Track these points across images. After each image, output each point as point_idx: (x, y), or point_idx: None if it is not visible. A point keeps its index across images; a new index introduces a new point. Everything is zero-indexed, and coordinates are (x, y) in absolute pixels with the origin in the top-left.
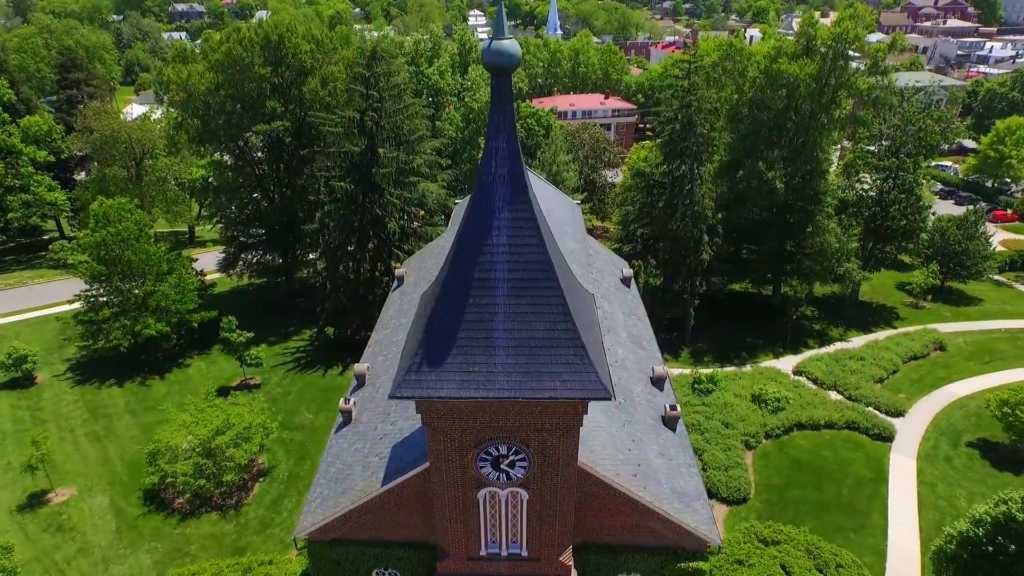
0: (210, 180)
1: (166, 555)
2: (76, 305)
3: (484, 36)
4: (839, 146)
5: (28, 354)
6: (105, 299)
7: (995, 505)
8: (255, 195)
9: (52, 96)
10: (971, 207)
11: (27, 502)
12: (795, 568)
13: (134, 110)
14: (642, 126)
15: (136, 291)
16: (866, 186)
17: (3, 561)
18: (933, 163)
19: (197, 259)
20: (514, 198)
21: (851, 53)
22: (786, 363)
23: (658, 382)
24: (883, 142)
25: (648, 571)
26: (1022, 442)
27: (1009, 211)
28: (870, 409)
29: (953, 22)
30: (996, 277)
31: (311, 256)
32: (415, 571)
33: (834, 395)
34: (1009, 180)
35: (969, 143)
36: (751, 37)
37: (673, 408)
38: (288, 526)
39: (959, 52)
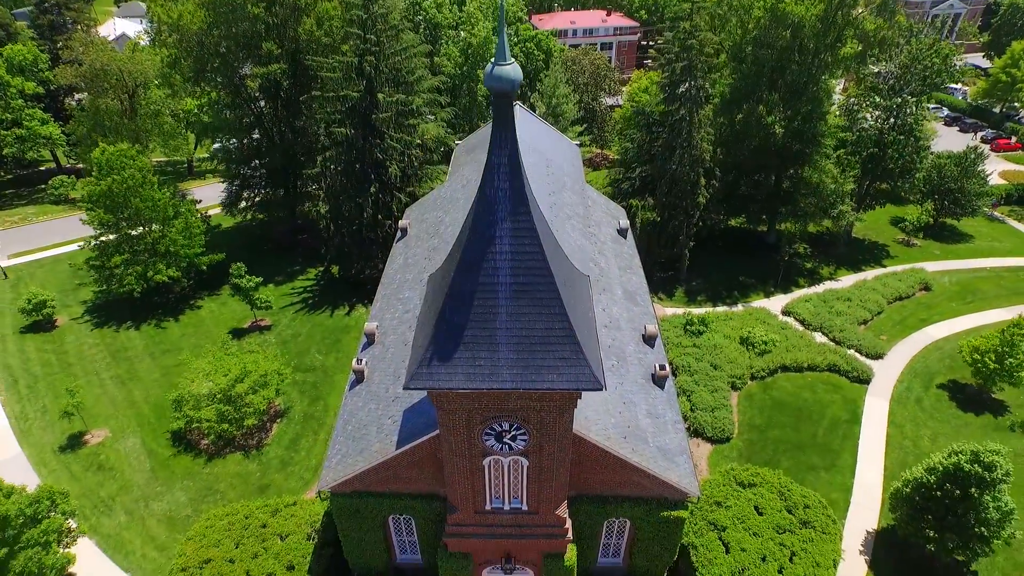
0: (207, 119)
1: (198, 493)
2: (84, 244)
3: None
4: (841, 83)
5: (47, 299)
6: (115, 245)
7: (947, 456)
8: (255, 134)
9: (25, 7)
10: (971, 145)
11: (67, 443)
12: (767, 509)
13: (116, 26)
14: (645, 43)
15: (147, 238)
16: (867, 125)
17: (63, 505)
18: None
19: (200, 201)
20: (515, 210)
21: None
22: (776, 303)
23: (650, 340)
24: (887, 81)
25: (635, 518)
26: (987, 386)
27: (1014, 139)
28: (851, 352)
29: None
30: (991, 212)
31: (312, 188)
32: (426, 517)
33: (819, 337)
34: (1018, 105)
35: (983, 62)
36: None
37: (663, 368)
38: (306, 464)
39: None
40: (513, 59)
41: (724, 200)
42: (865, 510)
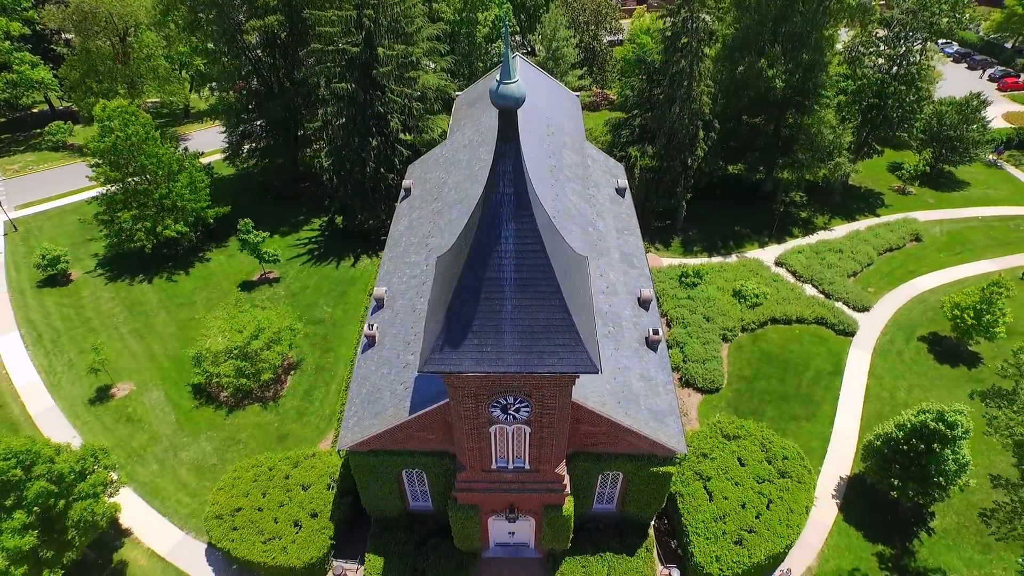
0: (202, 66)
1: (222, 443)
2: (90, 195)
3: None
4: (843, 31)
5: (60, 255)
6: (122, 201)
7: (916, 414)
8: (254, 84)
9: None
10: (974, 92)
11: (96, 396)
12: (749, 460)
13: None
14: None
15: (154, 194)
16: (869, 72)
17: (104, 460)
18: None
19: (202, 153)
20: (519, 212)
21: None
22: (770, 253)
23: (645, 303)
24: (893, 28)
25: (627, 472)
26: (964, 340)
27: (1023, 77)
28: (839, 305)
29: None
30: (994, 159)
31: (313, 137)
32: (437, 472)
33: (809, 289)
34: None
35: None
36: None
37: (656, 332)
38: (320, 414)
39: None
40: (518, 77)
41: (722, 149)
42: (840, 458)
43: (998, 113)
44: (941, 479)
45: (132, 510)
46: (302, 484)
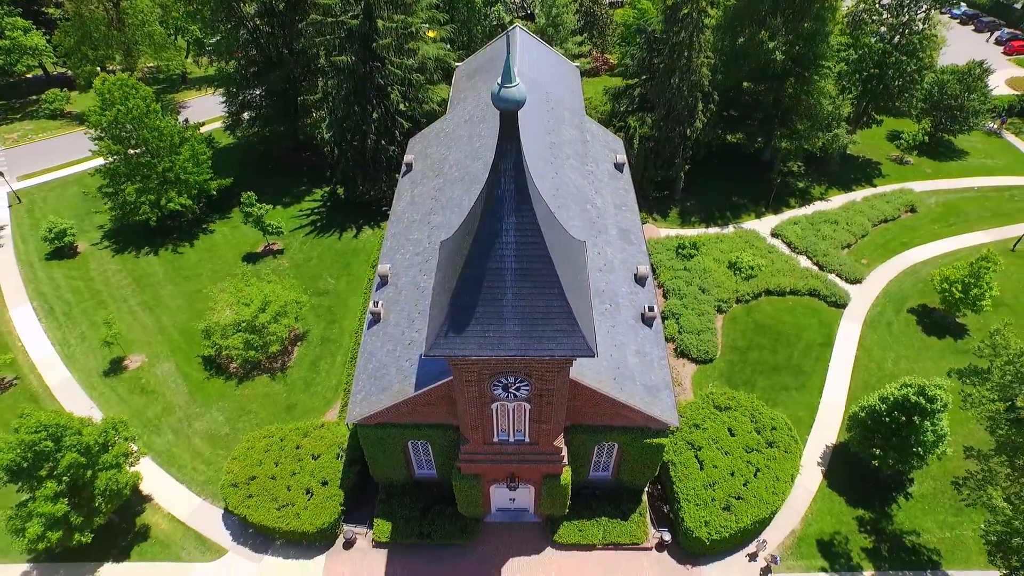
0: (198, 31)
1: (233, 413)
2: (91, 165)
3: None
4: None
5: (67, 228)
6: (126, 174)
7: (899, 388)
8: (252, 53)
9: None
10: (977, 60)
11: (110, 367)
12: (739, 431)
13: None
14: None
15: (157, 167)
16: (872, 40)
17: (124, 432)
18: None
19: (203, 124)
20: (519, 207)
21: None
22: (766, 224)
23: (641, 280)
24: None
25: (622, 443)
26: (951, 312)
27: None
28: (832, 277)
29: None
30: (989, 125)
31: (313, 105)
32: (441, 443)
33: (804, 261)
34: None
35: None
36: None
37: (651, 309)
38: (327, 384)
39: None
40: (519, 80)
41: (721, 118)
42: (827, 427)
43: (1002, 79)
44: (919, 449)
45: (152, 478)
46: (312, 454)
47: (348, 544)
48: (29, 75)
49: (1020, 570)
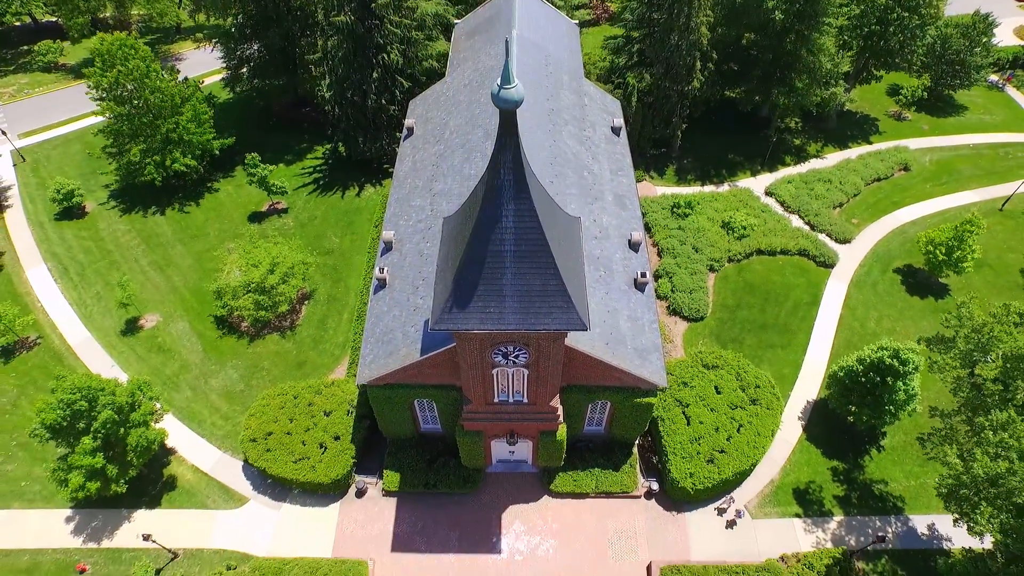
0: None
1: (247, 370)
2: (91, 122)
3: None
4: None
5: (75, 188)
6: (129, 134)
7: (875, 351)
8: (249, 7)
9: None
10: (982, 13)
11: (126, 327)
12: (725, 388)
13: None
14: None
15: (161, 128)
16: None
17: (148, 392)
18: None
19: (203, 82)
20: (518, 195)
21: None
22: (761, 183)
23: (635, 246)
24: None
25: (614, 401)
26: (934, 273)
27: None
28: (822, 237)
29: None
30: (992, 79)
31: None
32: (445, 401)
33: (795, 220)
34: None
35: None
36: None
37: (643, 275)
38: (335, 341)
39: None
40: (517, 82)
41: (719, 74)
42: (809, 383)
43: (1009, 28)
44: (892, 407)
45: (175, 432)
46: (324, 410)
47: (360, 493)
48: (17, 23)
49: (969, 514)
